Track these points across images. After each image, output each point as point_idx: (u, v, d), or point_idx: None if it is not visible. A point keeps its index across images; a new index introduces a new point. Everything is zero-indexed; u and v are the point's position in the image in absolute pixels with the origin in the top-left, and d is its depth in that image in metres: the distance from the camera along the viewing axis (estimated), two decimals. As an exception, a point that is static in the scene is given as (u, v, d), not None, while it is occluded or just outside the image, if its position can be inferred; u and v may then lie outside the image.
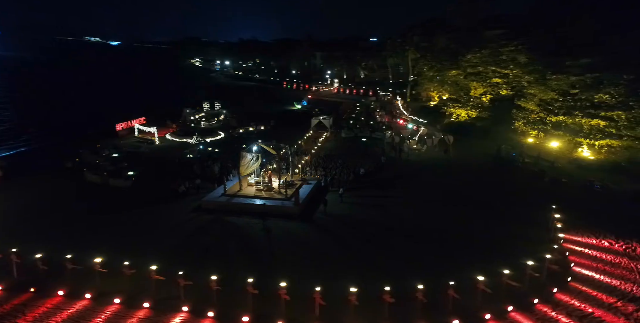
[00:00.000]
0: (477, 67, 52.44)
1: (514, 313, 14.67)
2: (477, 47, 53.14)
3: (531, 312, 14.79)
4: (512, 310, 14.80)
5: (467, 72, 54.18)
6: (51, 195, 27.79)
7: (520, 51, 47.47)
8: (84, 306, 15.99)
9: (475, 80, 52.68)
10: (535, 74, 45.80)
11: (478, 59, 52.62)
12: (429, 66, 65.24)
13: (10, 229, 21.84)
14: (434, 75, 63.96)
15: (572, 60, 39.68)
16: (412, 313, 14.64)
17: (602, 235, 20.95)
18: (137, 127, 46.59)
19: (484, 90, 51.75)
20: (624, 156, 33.88)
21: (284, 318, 14.76)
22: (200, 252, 20.13)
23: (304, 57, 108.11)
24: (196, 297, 16.14)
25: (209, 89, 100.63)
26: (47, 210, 25.10)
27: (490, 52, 51.10)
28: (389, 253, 19.90)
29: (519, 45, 47.68)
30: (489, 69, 51.18)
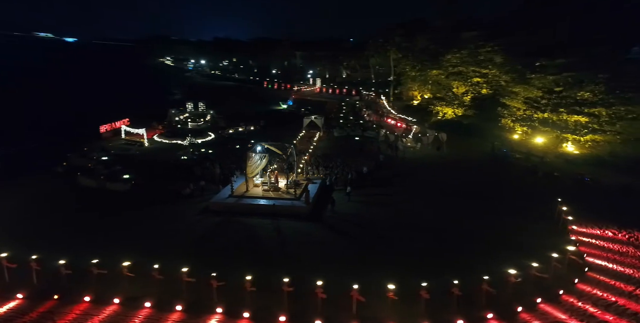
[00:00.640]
0: (458, 67, 54.14)
1: (543, 305, 15.28)
2: (456, 48, 55.13)
3: (559, 303, 15.45)
4: (540, 302, 15.41)
5: (448, 71, 55.81)
6: (50, 201, 26.65)
7: (497, 52, 49.80)
8: (114, 311, 15.63)
9: (457, 79, 54.44)
10: (512, 73, 48.46)
11: (458, 59, 54.43)
12: (411, 66, 66.72)
13: (21, 236, 20.94)
14: (416, 74, 65.46)
15: (549, 60, 42.14)
16: (447, 308, 14.92)
17: (605, 226, 22.15)
18: (124, 128, 45.15)
19: (466, 89, 53.53)
20: (606, 150, 35.94)
21: (321, 317, 14.79)
22: (222, 254, 19.88)
23: (285, 56, 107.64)
24: (229, 298, 15.99)
25: (187, 89, 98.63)
26: (51, 217, 24.10)
27: (469, 53, 53.04)
28: (407, 250, 20.21)
29: (495, 47, 50.02)
30: (469, 69, 53.03)
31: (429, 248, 20.27)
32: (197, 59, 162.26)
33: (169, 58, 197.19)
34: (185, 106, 62.47)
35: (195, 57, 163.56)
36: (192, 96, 71.16)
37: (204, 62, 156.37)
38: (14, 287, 16.49)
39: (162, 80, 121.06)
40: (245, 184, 28.19)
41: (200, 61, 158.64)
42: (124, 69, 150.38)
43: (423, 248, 20.27)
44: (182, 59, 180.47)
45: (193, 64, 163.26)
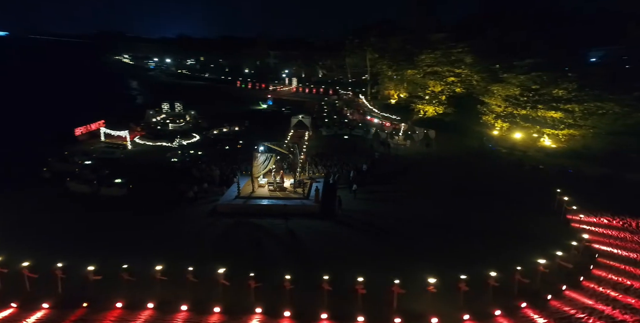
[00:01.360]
0: (433, 67, 56.22)
1: (568, 292, 16.23)
2: (429, 49, 57.39)
3: (582, 289, 16.49)
4: (565, 289, 16.37)
5: (424, 71, 57.77)
6: (47, 209, 25.29)
7: (467, 53, 52.39)
8: (150, 316, 15.29)
9: (433, 78, 56.50)
10: (482, 73, 51.43)
11: (432, 59, 56.56)
12: (387, 66, 68.32)
13: (32, 245, 19.86)
14: (392, 74, 67.15)
15: (519, 60, 45.13)
16: (483, 300, 15.50)
17: (599, 214, 23.89)
18: (103, 131, 43.12)
19: (442, 88, 55.70)
20: (580, 143, 38.65)
21: (363, 313, 14.99)
22: (246, 254, 19.73)
23: (258, 56, 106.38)
24: (268, 298, 15.94)
25: (153, 89, 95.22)
26: (56, 224, 22.95)
27: (442, 53, 55.33)
28: (429, 244, 20.74)
29: (465, 47, 52.57)
30: (444, 69, 55.22)
31: (449, 242, 20.89)
32: (159, 57, 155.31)
33: (126, 56, 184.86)
34: (160, 106, 61.02)
35: (157, 55, 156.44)
36: (162, 96, 69.25)
37: (170, 61, 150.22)
38: (37, 297, 15.80)
39: (122, 79, 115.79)
40: (249, 185, 27.95)
41: (166, 60, 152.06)
42: (75, 67, 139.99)
43: (443, 242, 20.90)
44: (141, 57, 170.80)
45: (155, 63, 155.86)
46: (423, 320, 14.64)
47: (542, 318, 14.26)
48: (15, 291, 16.06)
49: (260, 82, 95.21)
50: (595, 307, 14.95)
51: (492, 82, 48.63)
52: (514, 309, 15.07)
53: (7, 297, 15.75)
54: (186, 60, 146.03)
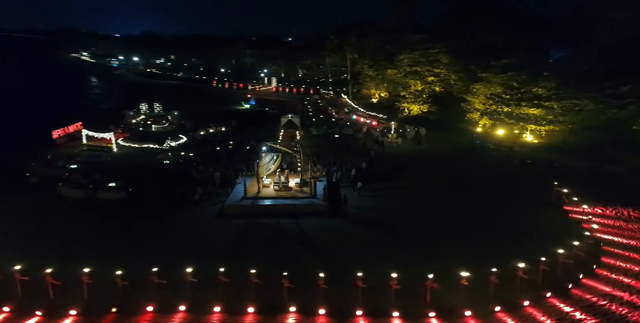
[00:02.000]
0: (414, 67, 57.68)
1: (585, 280, 17.18)
2: (408, 49, 58.94)
3: (596, 277, 17.48)
4: (582, 277, 17.32)
5: (405, 71, 59.14)
6: (46, 215, 24.30)
7: (444, 53, 54.24)
8: (183, 318, 15.10)
9: (413, 78, 57.97)
10: (459, 73, 53.57)
11: (411, 60, 57.96)
12: (368, 65, 69.30)
13: (46, 251, 19.37)
14: (374, 74, 68.13)
15: (496, 60, 47.46)
16: (511, 291, 16.09)
17: (592, 204, 25.35)
18: (86, 133, 41.27)
19: (422, 87, 57.26)
20: (560, 138, 40.86)
21: (397, 308, 15.31)
22: (267, 254, 19.67)
23: (234, 55, 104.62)
24: (300, 297, 15.99)
25: (125, 89, 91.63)
26: (63, 231, 22.17)
27: (421, 54, 56.87)
28: (445, 239, 21.21)
29: (442, 48, 54.39)
30: (424, 68, 56.79)
31: (461, 237, 21.50)
32: (125, 56, 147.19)
33: (84, 53, 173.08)
34: (138, 107, 59.29)
35: (121, 53, 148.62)
36: (134, 96, 67.28)
37: (137, 59, 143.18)
38: (62, 304, 15.33)
39: (86, 78, 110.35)
40: (254, 185, 27.77)
41: (133, 58, 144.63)
42: (31, 65, 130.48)
43: (457, 237, 21.47)
44: (102, 54, 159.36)
45: (119, 61, 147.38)
46: (456, 313, 15.08)
47: (568, 307, 15.06)
48: (38, 299, 15.51)
49: (238, 82, 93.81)
50: (614, 294, 15.90)
51: (471, 81, 50.70)
52: (540, 299, 15.79)
53: (31, 306, 15.20)
54: (154, 59, 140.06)
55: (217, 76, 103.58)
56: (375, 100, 70.06)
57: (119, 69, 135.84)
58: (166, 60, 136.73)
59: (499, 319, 14.67)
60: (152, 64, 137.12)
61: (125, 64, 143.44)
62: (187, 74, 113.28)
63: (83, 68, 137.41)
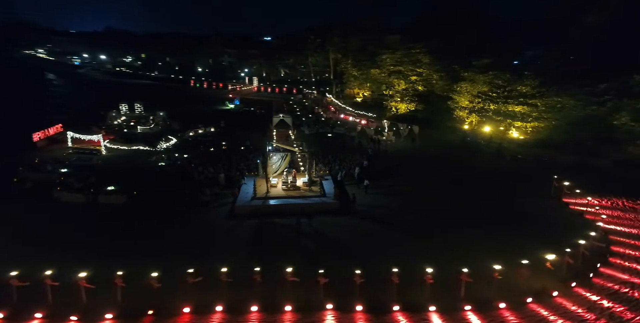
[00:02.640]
0: (397, 67, 58.81)
1: (603, 269, 18.08)
2: (390, 49, 60.06)
3: (612, 265, 18.45)
4: (600, 267, 18.22)
5: (390, 70, 60.20)
6: (52, 219, 23.44)
7: (424, 53, 55.71)
8: (222, 318, 15.00)
9: (397, 78, 59.12)
10: (440, 72, 55.21)
11: (393, 60, 59.06)
12: (351, 65, 69.95)
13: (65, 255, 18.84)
14: (358, 74, 68.82)
15: (477, 60, 49.41)
16: (541, 281, 16.76)
17: (588, 196, 26.67)
18: (71, 135, 39.44)
19: (406, 87, 58.50)
20: (544, 134, 42.83)
21: (433, 303, 15.62)
22: (291, 253, 19.61)
23: (212, 54, 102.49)
24: (337, 294, 16.06)
25: (93, 88, 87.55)
26: (74, 236, 21.51)
27: (403, 54, 58.04)
28: (463, 234, 21.61)
29: (423, 48, 55.84)
30: (407, 68, 58.03)
31: (475, 231, 21.93)
32: (89, 53, 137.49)
33: (41, 50, 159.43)
34: (117, 108, 57.51)
35: (85, 50, 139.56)
36: (107, 97, 65.46)
37: (104, 58, 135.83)
38: (96, 308, 14.99)
39: (45, 78, 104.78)
40: (261, 185, 27.57)
41: (99, 56, 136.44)
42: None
43: (474, 231, 21.90)
44: (61, 52, 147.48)
45: (81, 59, 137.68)
46: (491, 305, 15.51)
47: (594, 296, 15.84)
48: (71, 304, 15.11)
49: (217, 82, 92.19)
50: (633, 281, 16.79)
51: (453, 80, 52.35)
52: (565, 289, 16.51)
53: (65, 311, 14.76)
54: (122, 57, 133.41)
55: (194, 76, 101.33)
56: (360, 99, 70.81)
57: (83, 67, 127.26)
58: (136, 59, 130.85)
59: (531, 310, 15.24)
60: (121, 62, 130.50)
61: (90, 62, 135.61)
62: (162, 74, 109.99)
63: (41, 67, 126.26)
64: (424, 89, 57.51)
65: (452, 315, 15.11)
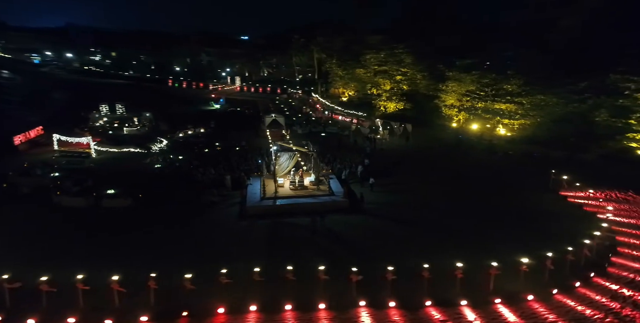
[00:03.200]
0: (383, 66, 59.68)
1: (614, 259, 18.99)
2: (374, 49, 60.88)
3: (622, 255, 19.28)
4: (612, 256, 19.18)
5: (375, 70, 61.01)
6: (61, 224, 22.84)
7: (408, 53, 56.94)
8: (257, 318, 14.94)
9: (383, 77, 60.03)
10: (424, 72, 56.53)
11: (376, 59, 59.92)
12: (337, 65, 70.29)
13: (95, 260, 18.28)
14: (343, 74, 69.20)
15: (460, 60, 50.98)
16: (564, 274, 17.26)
17: (583, 189, 28.02)
18: (57, 138, 37.72)
19: (392, 86, 59.49)
20: (530, 131, 44.58)
21: (464, 297, 15.92)
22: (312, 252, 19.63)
23: (191, 53, 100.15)
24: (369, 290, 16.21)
25: (63, 89, 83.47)
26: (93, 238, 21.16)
27: (387, 54, 58.97)
28: (470, 231, 21.94)
29: (406, 49, 57.03)
30: (392, 68, 59.01)
31: (488, 225, 22.46)
32: (45, 50, 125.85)
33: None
34: (98, 109, 55.66)
35: (45, 47, 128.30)
36: (79, 97, 63.29)
37: (71, 55, 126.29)
38: (130, 311, 14.75)
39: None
40: (268, 186, 27.40)
41: (65, 54, 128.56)
42: None
43: (488, 226, 22.34)
44: (17, 49, 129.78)
45: (40, 57, 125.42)
46: (520, 298, 15.93)
47: (614, 284, 16.55)
48: (104, 307, 14.85)
49: (197, 81, 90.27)
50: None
51: (437, 80, 53.68)
52: (586, 279, 17.22)
53: (98, 314, 14.45)
54: (90, 55, 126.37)
55: (171, 75, 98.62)
56: (345, 98, 71.24)
57: (46, 66, 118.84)
58: (105, 57, 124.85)
59: (558, 301, 15.82)
60: (89, 60, 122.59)
61: (52, 60, 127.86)
62: (137, 73, 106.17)
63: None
64: (409, 88, 58.67)
65: (484, 308, 15.46)
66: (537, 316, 14.68)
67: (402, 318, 15.13)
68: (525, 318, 14.57)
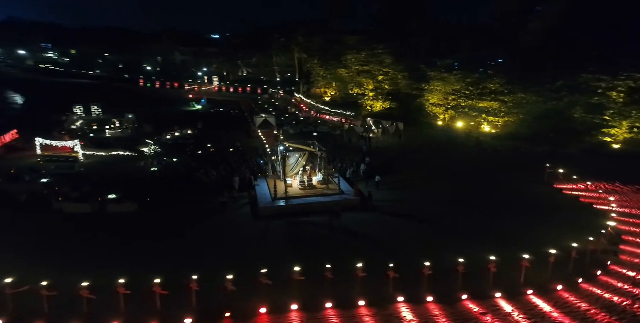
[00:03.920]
0: (365, 66, 60.57)
1: (623, 247, 20.26)
2: (354, 49, 61.70)
3: (626, 242, 20.67)
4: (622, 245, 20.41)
5: (358, 70, 61.79)
6: (75, 231, 22.01)
7: (387, 54, 58.29)
8: (299, 316, 15.04)
9: (366, 77, 60.92)
10: (404, 71, 58.07)
11: (356, 59, 60.78)
12: (318, 65, 70.47)
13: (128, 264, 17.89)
14: (325, 74, 69.50)
15: (441, 60, 52.83)
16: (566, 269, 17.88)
17: (573, 181, 29.72)
18: (40, 142, 35.58)
19: (375, 86, 60.49)
20: (512, 128, 46.69)
21: (498, 290, 16.44)
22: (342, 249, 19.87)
23: (162, 51, 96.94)
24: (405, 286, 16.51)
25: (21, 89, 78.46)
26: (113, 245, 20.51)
27: (368, 54, 59.94)
28: (482, 225, 22.74)
29: (385, 49, 58.31)
30: (375, 68, 60.04)
31: (496, 220, 23.26)
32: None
33: None
34: (72, 111, 53.30)
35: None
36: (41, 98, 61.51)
37: (23, 52, 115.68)
38: (172, 314, 14.58)
39: None
40: (279, 186, 27.18)
41: (17, 51, 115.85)
42: None
43: (493, 220, 23.22)
44: None
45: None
46: (520, 292, 16.49)
47: (630, 271, 17.67)
48: (145, 311, 14.66)
49: (171, 81, 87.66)
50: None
51: (418, 80, 55.15)
52: (606, 268, 18.29)
53: (141, 317, 14.30)
54: (43, 53, 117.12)
55: (142, 74, 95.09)
56: (328, 98, 71.54)
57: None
58: (62, 55, 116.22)
59: (585, 289, 16.67)
60: (44, 58, 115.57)
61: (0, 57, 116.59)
62: (104, 72, 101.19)
63: None
64: (391, 88, 59.68)
65: (518, 299, 16.06)
66: (570, 305, 15.50)
67: (441, 312, 15.52)
68: (559, 308, 15.35)
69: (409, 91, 57.72)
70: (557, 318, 14.73)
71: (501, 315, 15.12)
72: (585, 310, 15.07)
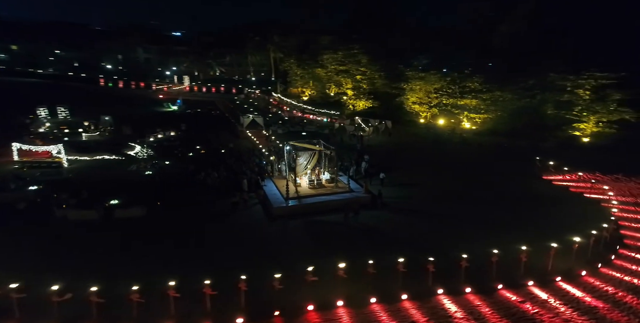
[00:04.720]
0: (343, 66, 61.19)
1: (624, 232, 22.05)
2: (331, 49, 62.20)
3: (624, 227, 22.46)
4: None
5: (337, 69, 62.28)
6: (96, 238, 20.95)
7: (363, 54, 59.28)
8: (346, 312, 15.34)
9: (344, 76, 61.57)
10: (380, 71, 59.40)
11: (333, 59, 61.31)
12: (295, 64, 70.14)
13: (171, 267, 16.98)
14: (303, 73, 69.29)
15: (416, 60, 54.62)
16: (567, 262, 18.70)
17: (561, 173, 31.78)
18: (18, 147, 32.87)
19: (354, 85, 61.29)
20: (490, 124, 49.05)
21: (531, 278, 17.39)
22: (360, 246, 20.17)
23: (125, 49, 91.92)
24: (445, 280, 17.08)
25: None
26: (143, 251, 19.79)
27: (345, 54, 60.64)
28: (491, 218, 23.58)
29: (360, 49, 59.47)
30: (353, 67, 60.83)
31: (503, 213, 24.41)
32: None
33: None
34: (36, 113, 49.93)
35: None
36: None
37: None
38: (225, 313, 14.73)
39: None
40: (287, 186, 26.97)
41: None
42: None
43: (502, 214, 24.24)
44: None
45: None
46: (521, 284, 17.35)
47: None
48: (197, 312, 14.73)
49: (136, 81, 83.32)
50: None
51: (394, 79, 56.52)
52: (617, 252, 19.78)
53: (193, 318, 14.44)
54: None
55: (102, 73, 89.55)
56: (306, 98, 71.42)
57: None
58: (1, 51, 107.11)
59: (606, 274, 17.95)
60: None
61: None
62: (56, 71, 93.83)
63: None
64: (369, 87, 60.59)
65: (549, 286, 17.08)
66: (598, 289, 16.74)
67: (482, 302, 16.20)
68: (589, 293, 16.50)
69: (387, 90, 58.91)
70: (591, 302, 15.84)
71: (539, 302, 16.03)
72: (613, 293, 16.30)
